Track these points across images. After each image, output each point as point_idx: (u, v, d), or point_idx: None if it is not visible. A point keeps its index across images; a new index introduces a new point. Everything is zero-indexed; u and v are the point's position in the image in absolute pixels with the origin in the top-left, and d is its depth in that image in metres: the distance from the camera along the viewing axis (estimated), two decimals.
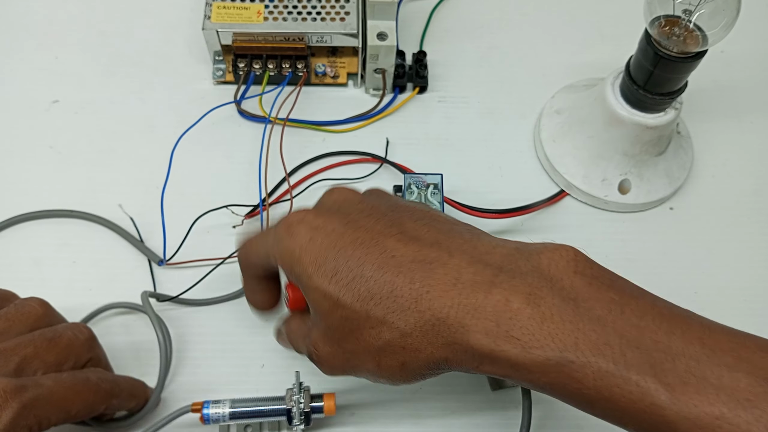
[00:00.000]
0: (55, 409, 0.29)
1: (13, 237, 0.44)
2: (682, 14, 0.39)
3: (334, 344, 0.30)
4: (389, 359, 0.29)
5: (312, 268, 0.29)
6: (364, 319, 0.28)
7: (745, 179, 0.49)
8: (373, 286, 0.28)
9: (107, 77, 0.51)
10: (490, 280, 0.27)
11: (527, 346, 0.25)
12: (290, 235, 0.30)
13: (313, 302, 0.30)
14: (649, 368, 0.24)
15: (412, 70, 0.51)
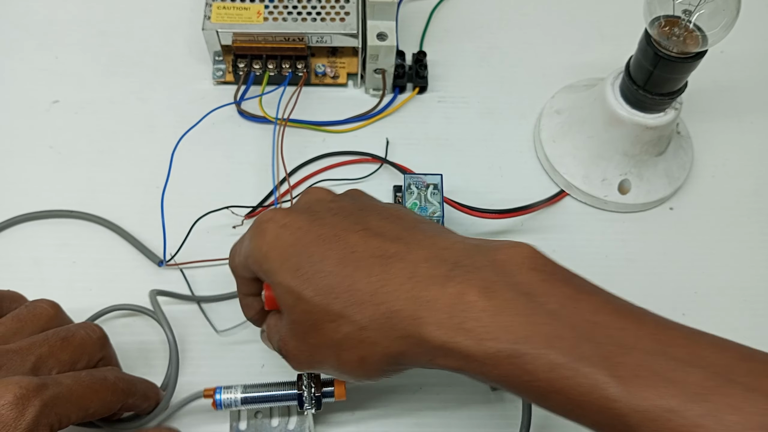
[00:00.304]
0: (75, 407, 0.29)
1: (13, 237, 0.44)
2: (682, 14, 0.39)
3: (299, 339, 0.30)
4: (348, 353, 0.29)
5: (277, 264, 0.30)
6: (324, 312, 0.29)
7: (745, 179, 0.49)
8: (332, 280, 0.28)
9: (107, 77, 0.51)
10: (445, 274, 0.27)
11: (480, 337, 0.26)
12: (260, 233, 0.31)
13: (279, 298, 0.30)
14: (601, 361, 0.24)
15: (412, 70, 0.51)
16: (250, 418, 0.38)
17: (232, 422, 0.38)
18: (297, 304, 0.29)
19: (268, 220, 0.31)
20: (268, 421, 0.38)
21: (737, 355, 0.25)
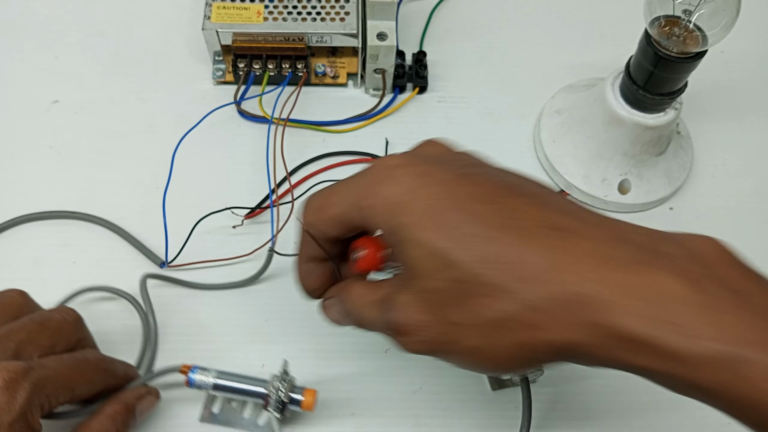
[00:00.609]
0: (62, 388, 0.29)
1: (13, 237, 0.44)
2: (682, 14, 0.39)
3: (433, 312, 0.25)
4: (503, 336, 0.24)
5: (418, 218, 0.25)
6: (480, 284, 0.24)
7: (745, 179, 0.49)
8: (494, 247, 0.24)
9: (107, 77, 0.51)
10: (634, 258, 0.23)
11: (693, 334, 0.22)
12: (391, 179, 0.26)
13: (411, 259, 0.25)
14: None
15: (412, 70, 0.51)
16: (225, 403, 0.39)
17: (207, 403, 0.39)
18: (442, 270, 0.24)
19: (397, 166, 0.26)
20: (240, 410, 0.39)
21: None
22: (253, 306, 0.42)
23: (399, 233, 0.25)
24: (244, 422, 0.38)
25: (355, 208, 0.27)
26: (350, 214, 0.27)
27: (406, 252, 0.25)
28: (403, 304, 0.26)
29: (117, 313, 0.41)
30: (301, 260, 0.32)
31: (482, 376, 0.41)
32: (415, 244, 0.25)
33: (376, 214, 0.26)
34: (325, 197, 0.29)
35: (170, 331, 0.41)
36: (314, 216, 0.29)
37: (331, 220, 0.28)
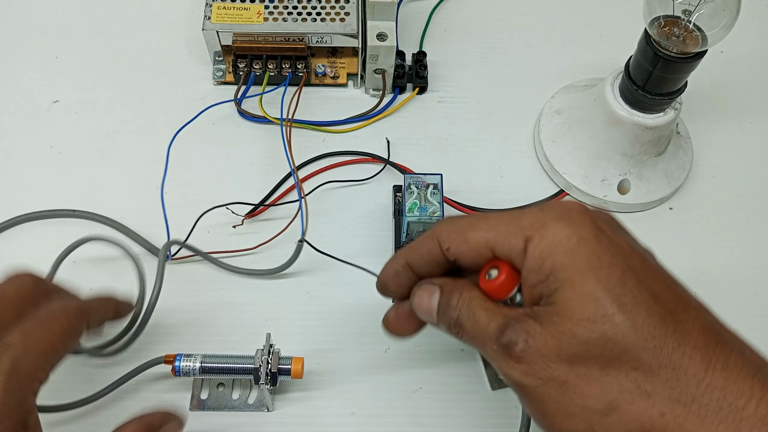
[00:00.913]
0: (41, 356, 0.27)
1: (13, 237, 0.44)
2: (682, 14, 0.39)
3: (560, 353, 0.24)
4: (607, 425, 0.24)
5: (591, 264, 0.25)
6: (631, 354, 0.23)
7: (745, 179, 0.49)
8: (654, 325, 0.24)
9: (107, 77, 0.52)
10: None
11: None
12: (570, 219, 0.26)
13: (567, 300, 0.25)
14: None
15: (412, 70, 0.51)
16: (213, 388, 0.39)
17: (195, 391, 0.39)
18: (597, 322, 0.24)
19: (583, 212, 0.27)
20: (229, 393, 0.39)
21: None
22: (257, 304, 0.42)
23: (564, 271, 0.25)
24: (234, 403, 0.39)
25: (512, 235, 0.27)
26: (503, 241, 0.27)
27: (564, 291, 0.25)
28: (534, 332, 0.25)
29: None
30: (397, 260, 0.31)
31: (482, 375, 0.41)
32: (580, 287, 0.24)
33: (540, 247, 0.26)
34: (473, 221, 0.29)
35: (167, 316, 0.41)
36: (457, 234, 0.29)
37: (476, 242, 0.28)
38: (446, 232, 0.29)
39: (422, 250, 0.30)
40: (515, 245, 0.27)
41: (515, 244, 0.27)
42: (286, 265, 0.42)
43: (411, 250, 0.31)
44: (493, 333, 0.26)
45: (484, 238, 0.28)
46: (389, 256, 0.44)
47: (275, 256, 0.44)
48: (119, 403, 0.39)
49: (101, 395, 0.37)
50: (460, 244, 0.28)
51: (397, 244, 0.43)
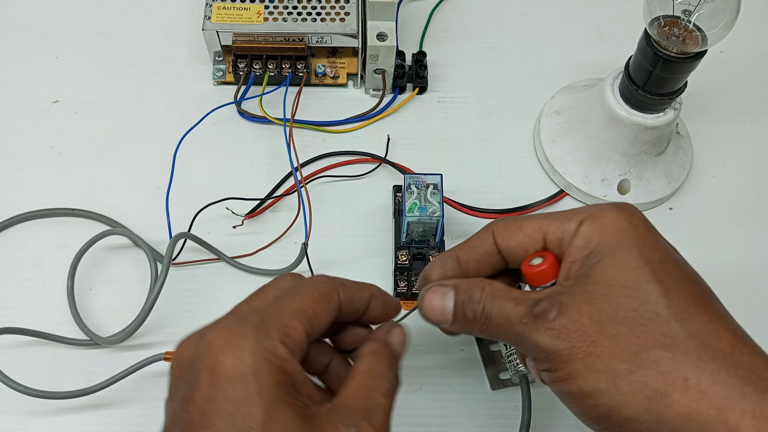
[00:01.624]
0: (288, 315, 0.26)
1: (13, 237, 0.44)
2: (682, 14, 0.39)
3: (596, 318, 0.25)
4: (634, 393, 0.24)
5: (637, 243, 0.26)
6: (661, 321, 0.24)
7: (745, 179, 0.49)
8: (690, 300, 0.25)
9: (107, 77, 0.52)
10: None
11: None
12: (623, 209, 0.28)
13: (609, 268, 0.26)
14: None
15: (412, 70, 0.51)
16: None
17: None
18: (632, 287, 0.25)
19: (635, 207, 0.28)
20: None
21: None
22: None
23: (608, 248, 0.26)
24: None
25: (567, 220, 0.28)
26: (557, 225, 0.28)
27: (604, 263, 0.26)
28: (566, 301, 0.26)
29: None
30: (449, 253, 0.31)
31: (482, 375, 0.41)
32: (620, 259, 0.26)
33: (591, 227, 0.27)
34: (530, 215, 0.30)
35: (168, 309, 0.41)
36: (512, 223, 0.30)
37: (531, 229, 0.29)
38: (502, 223, 0.30)
39: (475, 242, 0.30)
40: (568, 228, 0.28)
41: (568, 227, 0.28)
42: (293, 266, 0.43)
43: (463, 244, 0.31)
44: (523, 310, 0.27)
45: (538, 224, 0.29)
46: (389, 256, 0.44)
47: (275, 256, 0.44)
48: (118, 398, 0.39)
49: (100, 388, 0.37)
50: (515, 232, 0.29)
51: (397, 244, 0.43)
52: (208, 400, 0.23)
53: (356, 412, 0.25)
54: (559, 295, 0.26)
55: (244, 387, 0.23)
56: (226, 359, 0.24)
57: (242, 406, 0.23)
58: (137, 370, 0.37)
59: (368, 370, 0.27)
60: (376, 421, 0.25)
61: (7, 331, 0.38)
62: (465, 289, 0.29)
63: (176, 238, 0.40)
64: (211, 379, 0.24)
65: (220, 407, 0.23)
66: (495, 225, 0.30)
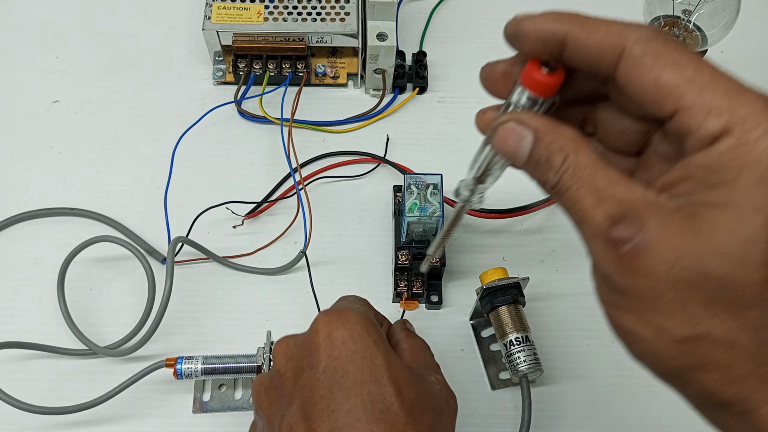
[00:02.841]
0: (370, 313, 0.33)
1: (13, 237, 0.44)
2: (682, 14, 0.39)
3: (674, 277, 0.21)
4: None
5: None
6: (743, 304, 0.21)
7: None
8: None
9: (107, 77, 0.52)
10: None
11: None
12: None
13: (722, 224, 0.20)
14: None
15: (412, 70, 0.51)
16: (214, 389, 0.39)
17: (196, 393, 0.39)
18: (736, 263, 0.20)
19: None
20: (231, 393, 0.39)
21: None
22: (257, 304, 0.42)
23: (739, 201, 0.20)
24: (237, 403, 0.39)
25: (704, 115, 0.21)
26: (688, 116, 0.21)
27: (720, 209, 0.20)
28: (653, 237, 0.21)
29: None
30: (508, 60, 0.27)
31: (482, 375, 0.41)
32: (742, 219, 0.20)
33: (734, 156, 0.21)
34: (589, 24, 0.23)
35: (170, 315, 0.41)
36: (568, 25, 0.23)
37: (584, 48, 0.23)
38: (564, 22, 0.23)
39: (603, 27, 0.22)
40: (704, 128, 0.21)
41: (705, 126, 0.21)
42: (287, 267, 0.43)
43: (583, 28, 0.23)
44: (601, 221, 0.22)
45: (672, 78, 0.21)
46: (389, 256, 0.44)
47: (275, 256, 0.44)
48: (120, 408, 0.38)
49: (102, 401, 0.37)
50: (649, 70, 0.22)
51: (397, 244, 0.43)
52: (336, 357, 0.28)
53: (425, 370, 0.32)
54: (647, 222, 0.21)
55: (363, 340, 0.29)
56: (339, 328, 0.29)
57: (366, 353, 0.28)
58: (139, 379, 0.37)
59: (412, 345, 0.34)
60: (439, 372, 0.33)
61: (7, 345, 0.38)
62: (546, 145, 0.23)
63: (174, 243, 0.40)
64: (332, 344, 0.29)
65: (349, 358, 0.28)
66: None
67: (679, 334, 0.21)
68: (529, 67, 0.24)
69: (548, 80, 0.23)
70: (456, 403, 0.32)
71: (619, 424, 0.39)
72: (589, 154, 0.23)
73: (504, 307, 0.38)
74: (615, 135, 0.26)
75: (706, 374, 0.22)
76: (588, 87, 0.25)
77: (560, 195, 0.23)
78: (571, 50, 0.23)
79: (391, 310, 0.42)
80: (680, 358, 0.22)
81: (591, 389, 0.41)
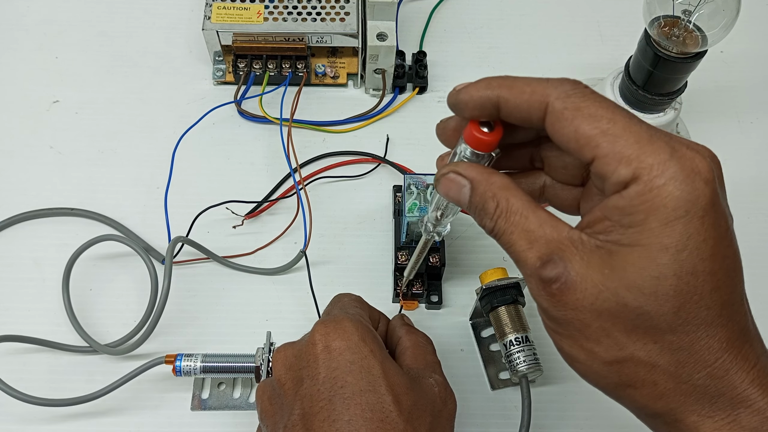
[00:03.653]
0: (361, 314, 0.34)
1: (13, 237, 0.44)
2: (682, 15, 0.39)
3: (597, 309, 0.24)
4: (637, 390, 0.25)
5: (682, 241, 0.22)
6: (658, 331, 0.23)
7: (745, 179, 0.49)
8: (696, 312, 0.23)
9: (107, 77, 0.52)
10: None
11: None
12: (694, 187, 0.23)
13: (633, 263, 0.23)
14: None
15: (412, 70, 0.51)
16: (213, 388, 0.39)
17: (195, 391, 0.39)
18: (649, 296, 0.23)
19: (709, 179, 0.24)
20: (230, 391, 0.39)
21: None
22: (257, 304, 0.42)
23: (649, 237, 0.23)
24: (235, 402, 0.39)
25: (616, 163, 0.23)
26: (604, 163, 0.24)
27: (632, 250, 0.23)
28: (575, 276, 0.24)
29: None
30: (491, 90, 0.27)
31: (482, 375, 0.41)
32: (651, 257, 0.23)
33: (642, 200, 0.23)
34: (516, 83, 0.26)
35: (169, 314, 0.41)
36: (502, 89, 0.26)
37: (514, 105, 0.25)
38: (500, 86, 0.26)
39: (526, 88, 0.25)
40: (616, 174, 0.23)
41: (618, 173, 0.23)
42: (287, 267, 0.43)
43: (511, 90, 0.25)
44: (532, 263, 0.25)
45: (525, 101, 0.25)
46: (389, 256, 0.44)
47: (275, 256, 0.44)
48: (119, 403, 0.39)
49: (101, 394, 0.37)
50: (563, 125, 0.24)
51: (396, 244, 0.43)
52: (334, 369, 0.29)
53: (425, 369, 0.33)
54: (570, 262, 0.24)
55: (360, 350, 0.30)
56: (336, 339, 0.30)
57: (364, 363, 0.29)
58: (139, 374, 0.37)
59: (413, 343, 0.34)
60: (439, 372, 0.34)
61: (7, 338, 0.38)
62: (480, 194, 0.26)
63: (174, 242, 0.40)
64: (330, 355, 0.30)
65: (347, 369, 0.29)
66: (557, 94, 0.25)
67: (607, 358, 0.24)
68: (469, 127, 0.27)
69: (487, 139, 0.26)
70: (455, 403, 0.32)
71: (619, 424, 0.39)
72: (520, 198, 0.26)
73: (504, 307, 0.38)
74: (559, 170, 0.29)
75: (636, 391, 0.25)
76: (530, 134, 0.28)
77: (498, 238, 0.26)
78: (504, 111, 0.26)
79: (391, 309, 0.42)
80: (612, 377, 0.25)
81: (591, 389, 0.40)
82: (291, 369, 0.31)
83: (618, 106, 0.24)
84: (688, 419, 0.24)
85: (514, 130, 0.28)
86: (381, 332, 0.36)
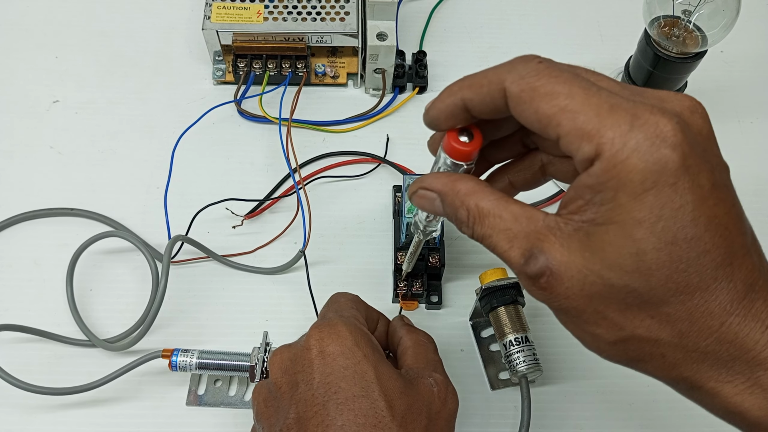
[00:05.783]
0: (355, 316, 0.34)
1: (13, 237, 0.44)
2: (682, 15, 0.39)
3: (587, 293, 0.23)
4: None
5: (656, 213, 0.22)
6: (653, 305, 0.23)
7: (745, 179, 0.49)
8: (686, 280, 0.22)
9: (107, 77, 0.52)
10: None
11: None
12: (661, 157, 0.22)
13: (611, 242, 0.23)
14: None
15: (412, 70, 0.51)
16: (210, 384, 0.39)
17: (192, 386, 0.39)
18: (632, 272, 0.23)
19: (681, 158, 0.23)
20: (226, 389, 0.39)
21: None
22: (257, 304, 0.42)
23: (626, 203, 0.22)
24: (230, 400, 0.39)
25: (579, 139, 0.23)
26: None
27: (608, 228, 0.22)
28: (559, 265, 0.23)
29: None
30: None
31: (482, 375, 0.41)
32: (628, 232, 0.22)
33: (609, 177, 0.23)
34: (476, 76, 0.26)
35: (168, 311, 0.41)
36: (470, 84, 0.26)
37: (479, 98, 0.25)
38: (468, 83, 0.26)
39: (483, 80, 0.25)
40: (580, 151, 0.23)
41: (581, 149, 0.23)
42: (286, 266, 0.43)
43: (471, 88, 0.26)
44: (516, 261, 0.25)
45: (489, 91, 0.25)
46: (389, 256, 0.44)
47: (274, 255, 0.44)
48: (117, 395, 0.39)
49: (98, 385, 0.37)
50: (527, 106, 0.24)
51: (396, 244, 0.43)
52: (329, 374, 0.29)
53: (425, 368, 0.33)
54: (551, 253, 0.24)
55: (354, 355, 0.30)
56: (331, 344, 0.30)
57: (358, 369, 0.29)
58: (136, 366, 0.37)
59: (414, 342, 0.34)
60: (440, 371, 0.34)
61: (7, 327, 0.39)
62: (450, 204, 0.27)
63: (173, 240, 0.40)
64: (324, 360, 0.30)
65: (341, 374, 0.29)
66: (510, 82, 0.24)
67: (610, 338, 0.24)
68: (446, 138, 0.27)
69: (465, 148, 0.27)
70: (456, 402, 0.32)
71: (619, 424, 0.40)
72: (488, 199, 0.25)
73: (503, 307, 0.38)
74: (549, 146, 0.28)
75: (647, 365, 0.24)
76: (514, 123, 0.26)
77: (482, 242, 0.26)
78: (474, 110, 0.26)
79: (391, 309, 0.42)
80: (620, 356, 0.25)
81: (591, 389, 0.41)
82: (287, 372, 0.31)
83: (576, 76, 0.23)
84: (706, 385, 0.24)
85: (496, 125, 0.28)
86: (380, 332, 0.36)
